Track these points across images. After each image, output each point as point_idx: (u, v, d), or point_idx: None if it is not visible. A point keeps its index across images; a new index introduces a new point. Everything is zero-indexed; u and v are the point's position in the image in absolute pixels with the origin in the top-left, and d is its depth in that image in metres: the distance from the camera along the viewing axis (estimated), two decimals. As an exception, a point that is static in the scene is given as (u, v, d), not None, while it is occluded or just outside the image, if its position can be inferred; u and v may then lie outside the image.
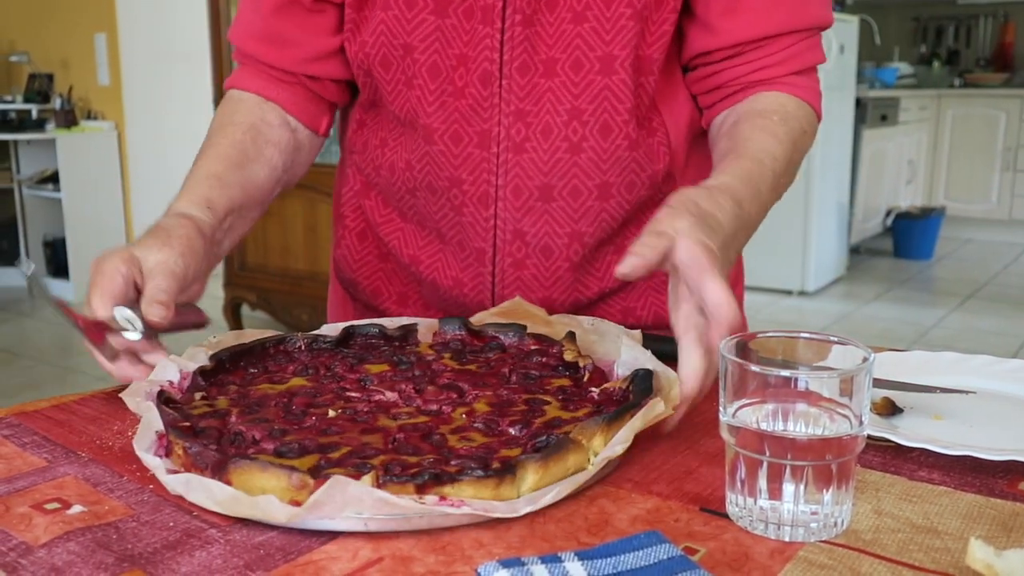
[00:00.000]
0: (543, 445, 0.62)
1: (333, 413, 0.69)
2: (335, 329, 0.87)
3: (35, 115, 5.27)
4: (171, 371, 0.76)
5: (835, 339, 0.59)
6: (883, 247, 6.17)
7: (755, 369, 0.55)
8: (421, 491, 0.56)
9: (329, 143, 4.58)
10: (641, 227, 0.98)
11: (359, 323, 0.88)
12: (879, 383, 0.76)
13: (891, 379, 0.78)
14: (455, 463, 0.60)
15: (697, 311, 0.69)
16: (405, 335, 0.87)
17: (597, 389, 0.73)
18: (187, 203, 0.88)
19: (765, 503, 0.56)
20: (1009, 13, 6.93)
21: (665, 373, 0.72)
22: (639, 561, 0.51)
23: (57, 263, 5.24)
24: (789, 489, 0.55)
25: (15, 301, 5.17)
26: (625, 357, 0.76)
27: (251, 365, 0.80)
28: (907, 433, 0.68)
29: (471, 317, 0.90)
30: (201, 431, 0.65)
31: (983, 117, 6.41)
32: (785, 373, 0.55)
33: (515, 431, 0.66)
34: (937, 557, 0.53)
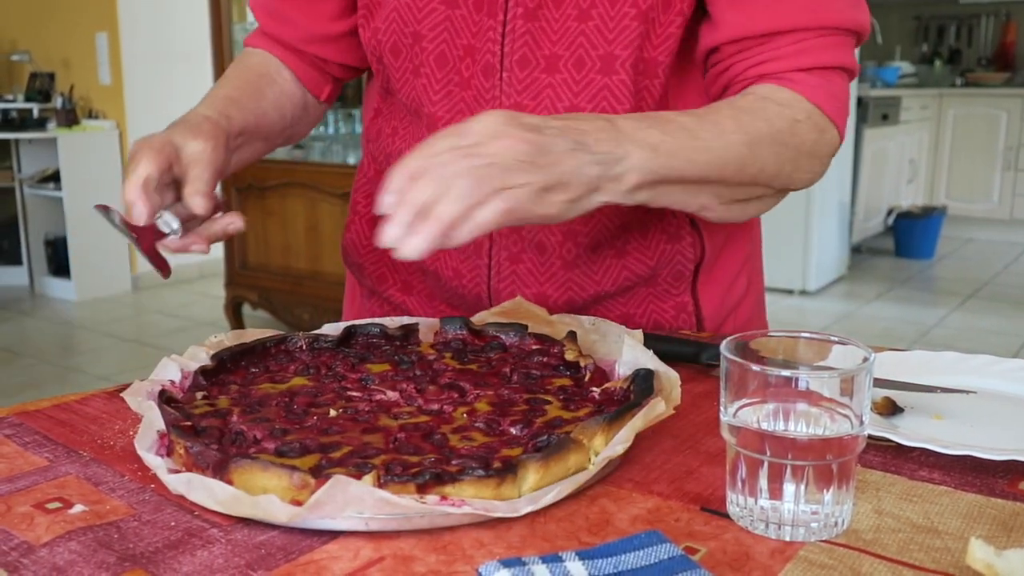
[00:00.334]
0: (544, 445, 0.62)
1: (334, 413, 0.69)
2: (336, 328, 0.87)
3: (36, 114, 5.28)
4: (172, 370, 0.76)
5: (836, 339, 0.59)
6: (884, 246, 6.17)
7: (756, 369, 0.55)
8: (422, 491, 0.56)
9: (331, 143, 4.58)
10: (642, 232, 0.99)
11: (360, 322, 0.88)
12: (880, 383, 0.76)
13: (892, 379, 0.78)
14: (456, 463, 0.60)
15: None
16: (406, 334, 0.87)
17: (598, 389, 0.73)
18: (206, 109, 0.91)
19: (766, 503, 0.56)
20: (1011, 12, 6.92)
21: (666, 373, 0.73)
22: (640, 561, 0.51)
23: (58, 262, 5.24)
24: (790, 489, 0.55)
25: (15, 300, 5.17)
26: (626, 357, 0.76)
27: (252, 364, 0.80)
28: (908, 433, 0.68)
29: (472, 317, 0.90)
30: (202, 430, 0.65)
31: (984, 116, 6.41)
32: (786, 373, 0.55)
33: (516, 431, 0.66)
34: (937, 557, 0.53)
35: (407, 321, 0.90)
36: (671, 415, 0.67)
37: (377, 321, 0.89)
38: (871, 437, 0.67)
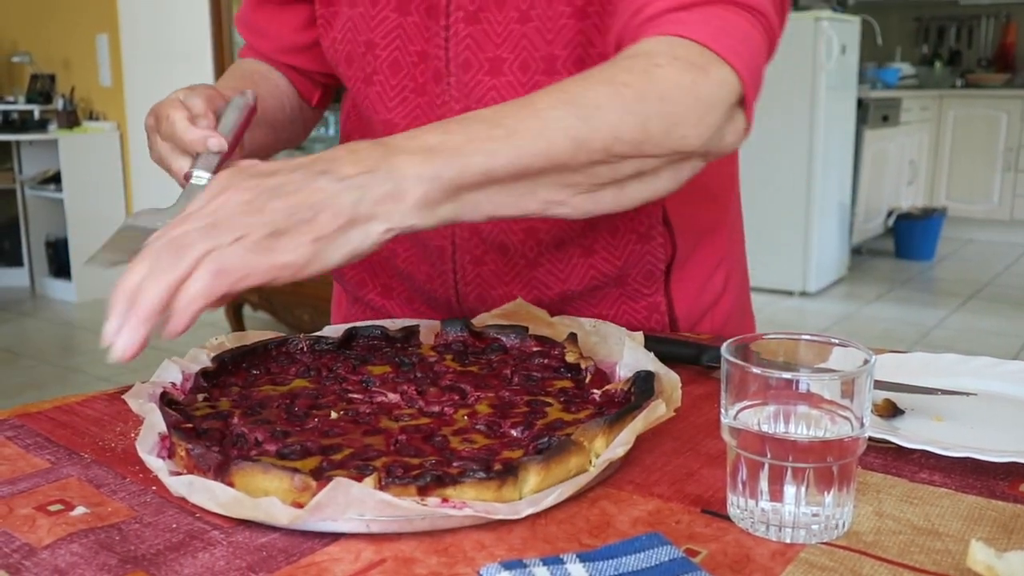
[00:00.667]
0: (545, 447, 0.62)
1: (335, 415, 0.70)
2: (337, 331, 0.88)
3: (37, 116, 5.28)
4: (173, 372, 0.76)
5: (836, 341, 0.59)
6: (884, 248, 6.17)
7: (756, 371, 0.55)
8: (423, 493, 0.56)
9: (331, 143, 4.60)
10: (611, 231, 0.97)
11: (361, 324, 0.88)
12: (880, 385, 0.76)
13: (892, 381, 0.78)
14: (457, 465, 0.60)
15: None
16: (407, 336, 0.87)
17: (599, 391, 0.73)
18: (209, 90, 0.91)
19: (766, 505, 0.56)
20: (1011, 14, 6.92)
21: (667, 375, 0.73)
22: (641, 563, 0.51)
23: (59, 263, 5.25)
24: (790, 491, 0.55)
25: (16, 301, 5.18)
26: (627, 359, 0.76)
27: (253, 366, 0.80)
28: (908, 435, 0.68)
29: (473, 319, 0.90)
30: (203, 432, 0.65)
31: (984, 118, 6.41)
32: (786, 375, 0.55)
33: (517, 433, 0.66)
34: (938, 559, 0.53)
35: (408, 323, 0.90)
36: (672, 417, 0.67)
37: (378, 323, 0.89)
38: (872, 439, 0.67)
